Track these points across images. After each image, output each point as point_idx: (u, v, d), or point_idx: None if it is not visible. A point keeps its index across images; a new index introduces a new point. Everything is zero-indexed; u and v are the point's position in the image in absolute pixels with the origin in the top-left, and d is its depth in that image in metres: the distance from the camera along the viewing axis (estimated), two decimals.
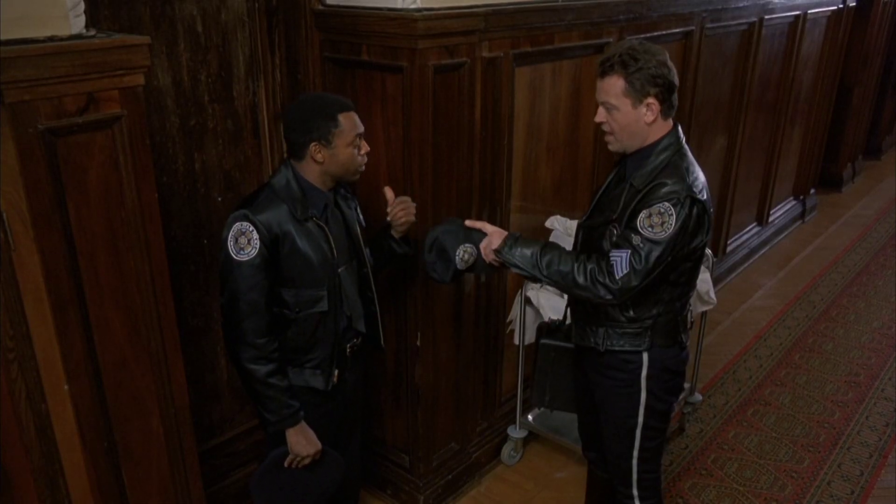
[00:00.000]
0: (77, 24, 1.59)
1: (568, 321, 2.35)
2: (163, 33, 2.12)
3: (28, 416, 1.69)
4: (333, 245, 1.99)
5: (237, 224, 1.89)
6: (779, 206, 5.46)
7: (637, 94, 1.87)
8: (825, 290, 4.73)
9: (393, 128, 2.32)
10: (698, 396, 3.36)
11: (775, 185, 5.19)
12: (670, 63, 1.90)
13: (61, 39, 1.55)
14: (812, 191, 5.95)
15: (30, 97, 1.51)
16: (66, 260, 1.63)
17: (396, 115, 2.29)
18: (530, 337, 2.86)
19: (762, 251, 5.26)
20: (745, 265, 5.03)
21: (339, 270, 2.03)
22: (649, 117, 1.89)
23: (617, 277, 1.84)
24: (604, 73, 1.92)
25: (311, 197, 1.97)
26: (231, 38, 2.31)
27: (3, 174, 1.53)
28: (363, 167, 2.01)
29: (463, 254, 2.08)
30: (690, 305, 2.12)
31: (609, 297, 1.87)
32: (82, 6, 1.60)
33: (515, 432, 3.05)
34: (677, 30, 3.39)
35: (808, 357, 3.92)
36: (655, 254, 1.82)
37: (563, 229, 2.75)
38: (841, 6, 5.14)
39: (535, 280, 2.03)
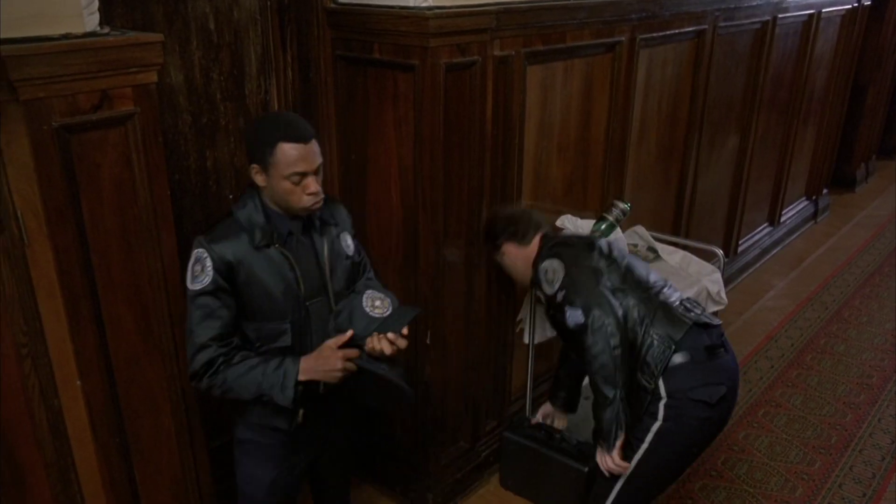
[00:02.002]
0: (91, 21, 1.60)
1: (535, 419, 2.78)
2: (176, 31, 2.13)
3: (41, 411, 1.70)
4: (300, 275, 1.83)
5: (194, 252, 1.77)
6: (791, 207, 5.43)
7: (497, 250, 2.46)
8: (837, 291, 4.69)
9: (404, 126, 2.31)
10: None
11: (787, 185, 5.16)
12: (500, 209, 2.52)
13: (76, 37, 1.56)
14: (825, 191, 5.91)
15: (44, 94, 1.52)
16: (79, 256, 1.64)
17: (408, 113, 2.29)
18: (540, 336, 2.86)
19: (774, 251, 5.23)
20: (757, 265, 5.01)
21: (308, 304, 1.86)
22: (513, 258, 2.42)
23: (592, 353, 2.13)
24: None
25: (276, 223, 1.82)
26: (243, 36, 2.31)
27: (17, 171, 1.54)
28: (315, 206, 1.80)
29: (371, 300, 1.91)
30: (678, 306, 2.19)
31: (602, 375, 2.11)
32: (96, 4, 1.61)
33: None
34: (690, 28, 3.38)
35: (819, 358, 3.89)
36: (579, 294, 2.18)
37: (573, 228, 2.75)
38: (855, 5, 5.10)
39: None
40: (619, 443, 2.10)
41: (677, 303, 2.19)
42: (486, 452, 2.94)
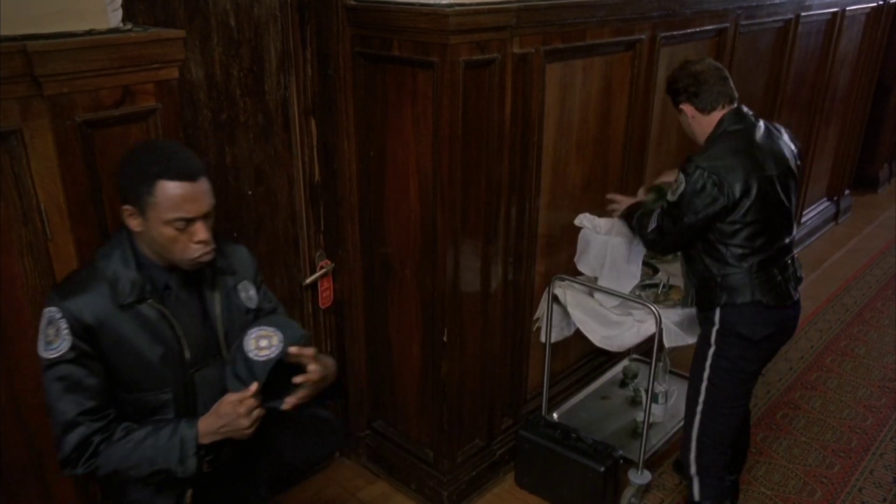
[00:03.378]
0: (114, 18, 1.62)
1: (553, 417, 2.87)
2: (196, 27, 2.14)
3: None
4: (182, 335, 1.55)
5: (45, 311, 1.48)
6: (812, 207, 5.37)
7: (675, 106, 2.38)
8: (858, 293, 4.63)
9: (423, 123, 2.31)
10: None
11: (808, 186, 5.10)
12: (691, 63, 2.33)
13: (99, 33, 1.58)
14: (846, 191, 5.83)
15: (68, 90, 1.54)
16: None
17: (426, 110, 2.28)
18: (557, 335, 2.85)
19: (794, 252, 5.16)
20: None
21: (195, 373, 1.59)
22: (690, 121, 2.34)
23: (649, 228, 2.32)
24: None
25: (150, 275, 1.53)
26: (263, 33, 2.32)
27: (41, 165, 1.56)
28: (204, 258, 1.52)
29: (255, 342, 1.55)
30: (784, 270, 2.27)
31: (648, 244, 2.39)
32: (119, 1, 1.63)
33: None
34: (711, 27, 3.35)
35: (840, 361, 3.85)
36: (673, 213, 2.21)
37: (591, 227, 2.73)
38: (881, 3, 5.03)
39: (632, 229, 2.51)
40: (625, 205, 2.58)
41: (785, 274, 2.27)
42: (502, 451, 2.93)
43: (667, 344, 2.56)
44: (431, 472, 2.76)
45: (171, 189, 1.44)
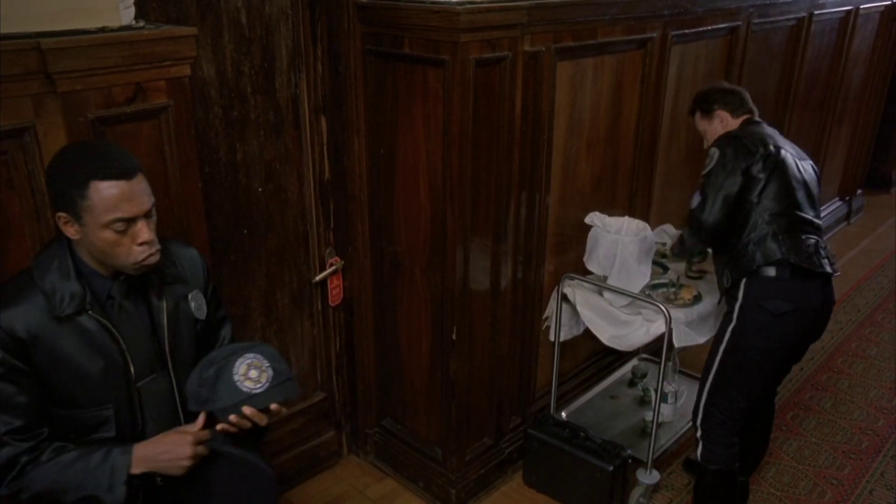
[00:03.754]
0: (127, 15, 1.62)
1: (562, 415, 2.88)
2: (208, 25, 2.15)
3: None
4: (126, 347, 1.47)
5: None
6: (823, 207, 5.32)
7: (708, 113, 2.60)
8: (870, 294, 4.60)
9: (433, 121, 2.31)
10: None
11: (820, 185, 5.05)
12: (721, 82, 2.76)
13: (112, 31, 1.59)
14: (859, 191, 5.79)
15: (81, 87, 1.55)
16: None
17: (437, 108, 2.28)
18: (566, 333, 2.84)
19: None
20: None
21: (140, 385, 1.51)
22: (721, 124, 2.57)
23: (694, 207, 2.43)
24: (692, 113, 2.70)
25: (92, 285, 1.45)
26: (274, 31, 2.33)
27: None
28: (150, 260, 1.44)
29: (246, 369, 1.51)
30: (812, 239, 2.37)
31: (696, 220, 2.41)
32: None
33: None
34: (723, 25, 3.33)
35: (850, 362, 3.82)
36: (711, 181, 2.37)
37: (601, 225, 2.73)
38: (895, 1, 4.99)
39: (689, 251, 2.65)
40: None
41: (811, 240, 2.37)
42: (510, 449, 2.93)
43: (676, 344, 2.56)
44: (440, 469, 2.77)
45: (105, 189, 1.35)
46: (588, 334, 2.79)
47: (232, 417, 1.48)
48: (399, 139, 2.44)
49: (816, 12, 4.08)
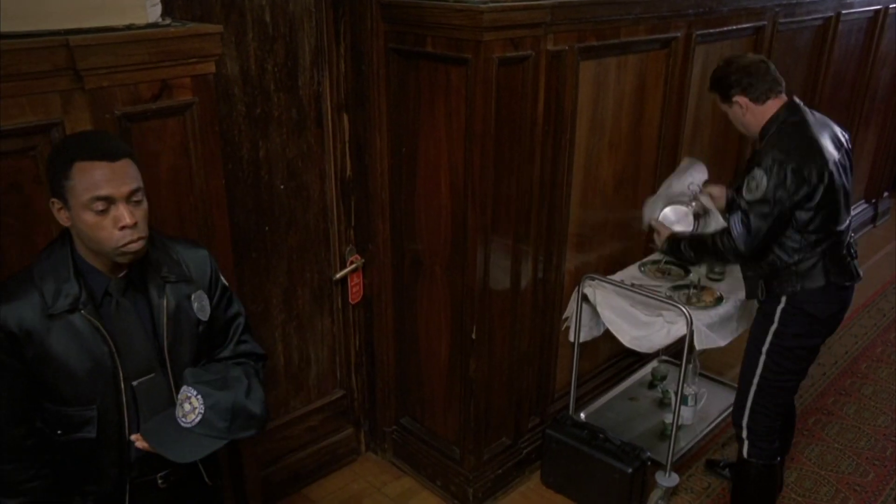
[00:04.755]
0: (153, 13, 1.64)
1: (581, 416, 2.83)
2: (232, 23, 2.16)
3: None
4: (114, 348, 1.45)
5: None
6: None
7: (727, 100, 2.36)
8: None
9: (455, 120, 2.31)
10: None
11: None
12: (738, 58, 2.38)
13: (138, 28, 1.60)
14: (885, 194, 5.71)
15: (108, 83, 1.56)
16: None
17: (459, 107, 2.28)
18: (586, 334, 2.83)
19: None
20: None
21: (135, 384, 1.50)
22: (744, 112, 2.34)
23: (734, 236, 2.25)
24: (712, 91, 2.45)
25: (89, 282, 1.44)
26: (298, 29, 2.34)
27: None
28: (132, 246, 1.40)
29: (183, 400, 1.48)
30: (849, 250, 2.34)
31: (732, 254, 2.28)
32: None
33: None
34: (748, 25, 3.29)
35: (875, 367, 3.77)
36: (760, 209, 2.20)
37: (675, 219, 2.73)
38: None
39: (686, 260, 2.63)
40: (664, 237, 2.56)
41: (844, 250, 2.33)
42: (529, 449, 2.92)
43: (697, 346, 2.53)
44: (458, 469, 2.76)
45: (86, 168, 1.34)
46: (608, 335, 2.77)
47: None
48: (421, 138, 2.44)
49: (844, 12, 4.03)
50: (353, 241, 2.72)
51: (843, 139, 2.39)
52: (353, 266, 2.73)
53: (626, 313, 2.64)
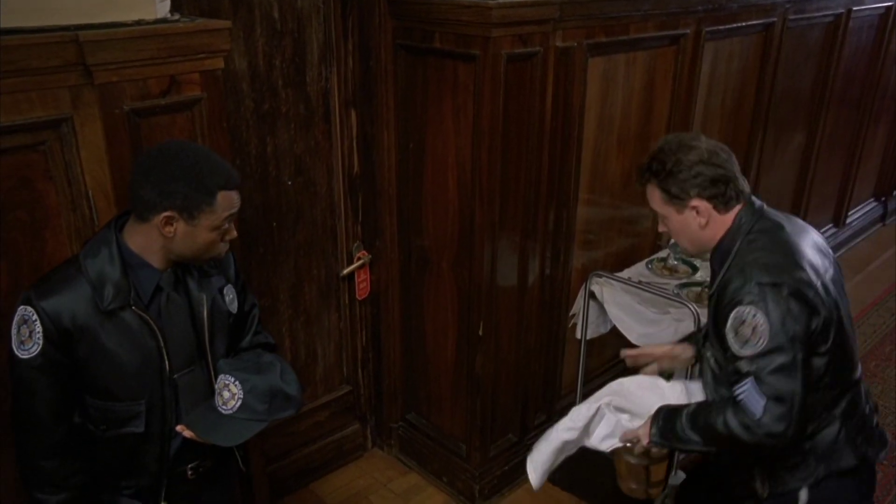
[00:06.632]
0: (162, 8, 1.64)
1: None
2: (241, 18, 2.17)
3: None
4: (164, 344, 1.48)
5: (20, 309, 1.40)
6: (858, 208, 5.23)
7: (677, 201, 1.67)
8: None
9: (463, 116, 2.31)
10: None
11: (855, 186, 4.97)
12: (716, 150, 1.66)
13: (147, 23, 1.60)
14: (895, 192, 5.67)
15: (117, 79, 1.57)
16: None
17: (467, 103, 2.28)
18: (593, 331, 2.82)
19: (838, 254, 5.04)
20: None
21: (176, 377, 1.53)
22: (701, 221, 1.66)
23: (757, 418, 1.52)
24: (643, 183, 1.75)
25: (138, 277, 1.46)
26: (306, 24, 2.34)
27: (89, 152, 1.60)
28: (222, 254, 1.53)
29: (222, 388, 1.54)
30: (867, 399, 1.76)
31: (771, 440, 1.54)
32: None
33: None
34: (757, 21, 3.27)
35: (884, 366, 3.75)
36: (775, 366, 1.51)
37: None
38: None
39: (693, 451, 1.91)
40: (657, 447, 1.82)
41: (864, 404, 1.74)
42: None
43: None
44: (464, 465, 2.77)
45: (227, 197, 1.46)
46: (615, 332, 2.76)
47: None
48: (428, 134, 2.44)
49: (855, 8, 4.00)
50: (361, 237, 2.73)
51: (826, 248, 1.74)
52: (361, 262, 2.73)
53: (634, 311, 2.64)
